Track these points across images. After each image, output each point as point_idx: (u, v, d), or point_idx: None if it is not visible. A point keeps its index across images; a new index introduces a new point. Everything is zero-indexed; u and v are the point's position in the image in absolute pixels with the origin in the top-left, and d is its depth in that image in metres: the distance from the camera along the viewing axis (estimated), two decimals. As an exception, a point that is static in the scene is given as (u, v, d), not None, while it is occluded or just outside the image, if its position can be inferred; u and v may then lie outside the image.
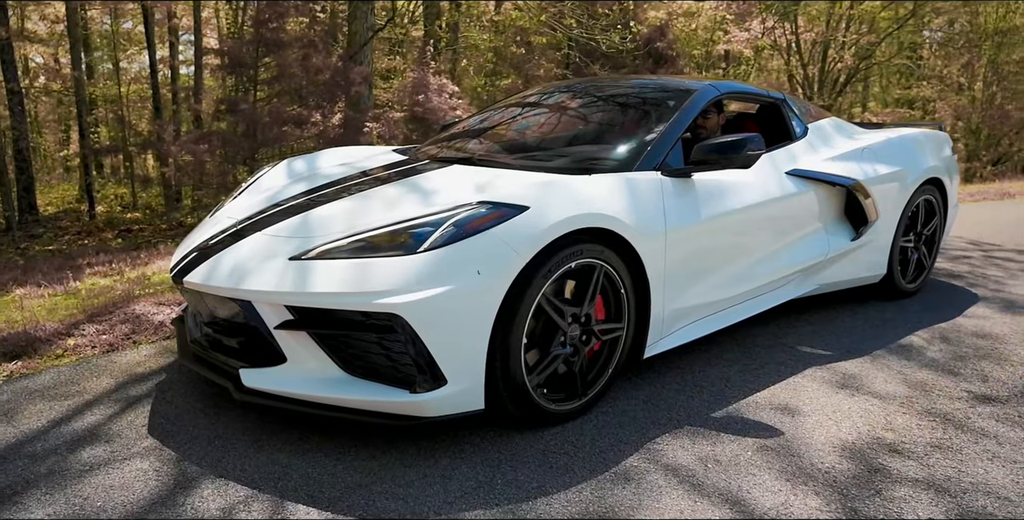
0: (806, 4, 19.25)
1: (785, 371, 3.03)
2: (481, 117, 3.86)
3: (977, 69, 23.04)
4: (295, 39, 11.31)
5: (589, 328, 2.50)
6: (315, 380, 2.23)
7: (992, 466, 2.27)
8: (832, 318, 3.78)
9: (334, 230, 2.39)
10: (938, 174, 4.17)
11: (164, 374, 2.91)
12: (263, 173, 3.40)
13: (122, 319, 3.66)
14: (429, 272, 2.11)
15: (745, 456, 2.29)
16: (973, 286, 4.56)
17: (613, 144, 3.05)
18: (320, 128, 10.52)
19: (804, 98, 14.89)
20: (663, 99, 3.27)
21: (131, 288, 4.51)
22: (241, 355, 2.39)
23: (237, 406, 2.56)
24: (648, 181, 2.70)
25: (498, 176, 2.67)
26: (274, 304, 2.22)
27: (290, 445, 2.31)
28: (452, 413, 2.21)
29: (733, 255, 3.05)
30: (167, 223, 10.97)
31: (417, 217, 2.30)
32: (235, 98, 11.07)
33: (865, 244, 3.76)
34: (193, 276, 2.44)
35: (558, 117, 3.51)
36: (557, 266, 2.30)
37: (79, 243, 9.78)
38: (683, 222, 2.72)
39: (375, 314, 2.11)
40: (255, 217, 2.73)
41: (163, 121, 12.54)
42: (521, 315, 2.23)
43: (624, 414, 2.58)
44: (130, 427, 2.43)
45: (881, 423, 2.55)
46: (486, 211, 2.25)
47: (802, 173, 3.41)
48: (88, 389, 2.76)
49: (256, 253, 2.40)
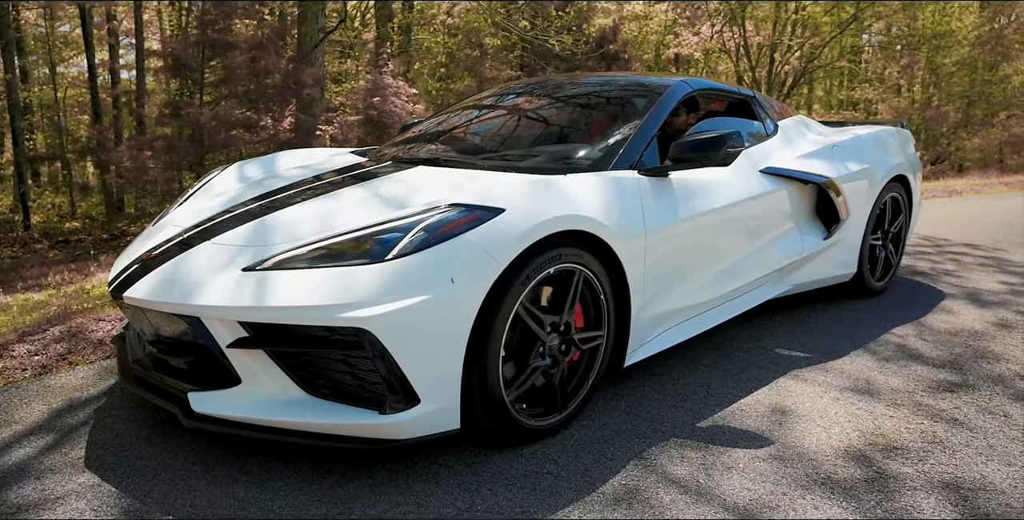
0: (754, 7, 19.57)
1: (766, 375, 2.93)
2: (444, 117, 3.69)
3: (916, 71, 23.79)
4: (243, 41, 10.93)
5: (569, 337, 2.35)
6: (274, 403, 2.03)
7: (989, 465, 2.19)
8: (805, 319, 3.72)
9: (292, 237, 2.19)
10: (903, 171, 4.16)
11: (104, 398, 2.65)
12: (212, 177, 3.17)
13: (57, 337, 3.37)
14: (399, 282, 1.93)
15: (738, 467, 2.17)
16: (936, 282, 4.57)
17: (587, 142, 2.91)
18: (271, 132, 10.17)
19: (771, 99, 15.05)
20: (635, 96, 3.15)
21: (68, 303, 4.20)
22: (190, 377, 2.17)
23: (186, 433, 2.33)
24: (626, 180, 2.56)
25: (469, 177, 2.50)
26: (226, 320, 2.01)
27: (246, 475, 2.09)
28: (426, 434, 2.03)
29: (712, 255, 2.94)
30: (109, 233, 10.45)
31: (384, 222, 2.11)
32: (180, 101, 10.63)
33: (836, 242, 3.71)
34: (134, 290, 2.20)
35: (527, 116, 3.36)
36: (536, 272, 2.15)
37: (12, 255, 9.23)
38: (662, 222, 2.60)
39: (340, 329, 1.92)
40: (204, 224, 2.50)
41: (103, 126, 11.98)
42: (499, 326, 2.07)
43: (606, 427, 2.43)
44: (64, 460, 2.18)
45: (871, 427, 2.46)
46: (459, 214, 2.08)
47: (776, 171, 3.33)
48: (16, 418, 2.49)
49: (205, 264, 2.18)
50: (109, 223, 11.55)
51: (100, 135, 10.81)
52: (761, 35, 20.57)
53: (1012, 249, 5.71)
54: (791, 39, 20.39)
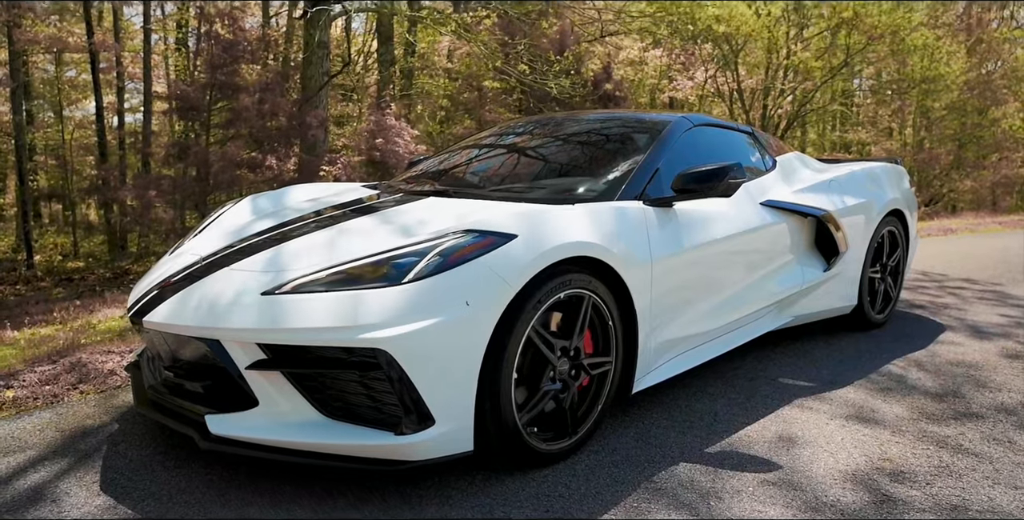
0: (746, 53, 20.09)
1: (771, 403, 2.96)
2: (451, 152, 3.79)
3: (907, 115, 24.29)
4: (250, 84, 11.19)
5: (578, 362, 2.40)
6: (290, 424, 2.06)
7: (995, 488, 2.21)
8: (808, 350, 3.76)
9: (309, 263, 2.25)
10: (899, 206, 4.26)
11: (116, 425, 2.67)
12: (226, 209, 3.24)
13: (67, 368, 3.40)
14: (415, 304, 1.99)
15: (748, 491, 2.19)
16: (936, 315, 4.63)
17: (593, 175, 3.00)
18: (275, 172, 10.33)
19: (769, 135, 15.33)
20: (639, 131, 3.26)
21: (75, 337, 4.23)
22: (206, 400, 2.20)
23: (200, 457, 2.35)
24: (631, 210, 2.64)
25: (480, 206, 2.58)
26: (245, 343, 2.06)
27: (261, 498, 2.11)
28: (440, 456, 2.06)
29: (715, 285, 3.00)
30: (112, 271, 10.51)
31: (400, 247, 2.18)
32: (186, 142, 10.83)
33: (836, 275, 3.78)
34: (154, 315, 2.26)
35: (534, 150, 3.47)
36: (547, 296, 2.20)
37: (16, 293, 9.27)
38: (667, 251, 2.67)
39: (358, 350, 1.97)
40: (221, 252, 2.57)
41: (109, 166, 12.16)
42: (511, 349, 2.12)
43: (616, 452, 2.46)
44: (79, 484, 2.20)
45: (877, 452, 2.48)
46: (473, 239, 2.15)
47: (776, 204, 3.42)
48: (31, 443, 2.51)
49: (225, 289, 2.24)
50: (112, 262, 11.63)
51: (106, 174, 10.96)
52: (754, 79, 21.05)
53: (1010, 284, 5.78)
54: (783, 84, 20.87)
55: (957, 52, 22.22)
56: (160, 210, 9.92)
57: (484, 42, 12.72)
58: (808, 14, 19.39)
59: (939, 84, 21.99)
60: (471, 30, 12.94)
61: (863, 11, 17.64)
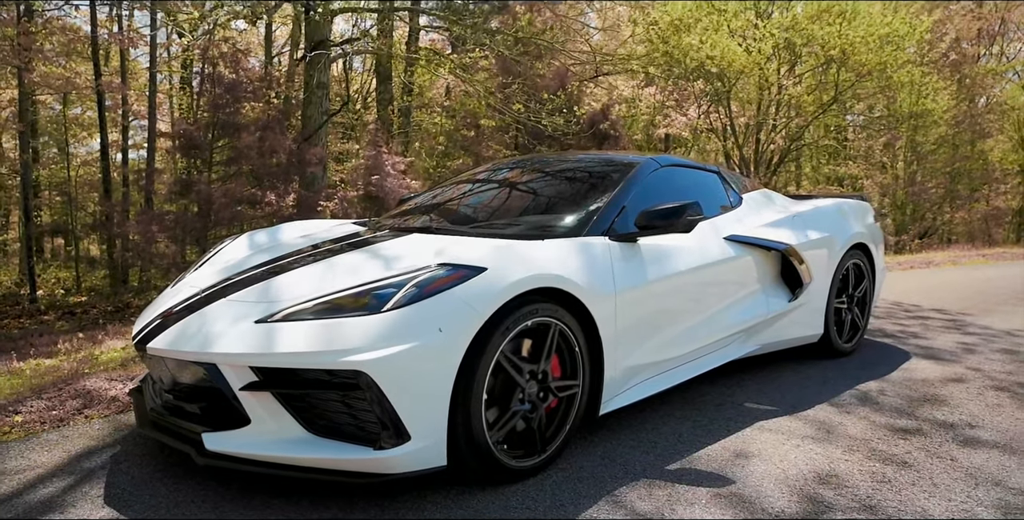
0: (737, 90, 20.61)
1: (734, 426, 3.15)
2: (438, 191, 4.05)
3: (898, 150, 24.75)
4: (250, 122, 11.57)
5: (546, 385, 2.60)
6: (279, 441, 2.26)
7: (931, 500, 2.40)
8: (776, 377, 3.96)
9: (299, 294, 2.48)
10: (864, 240, 4.50)
11: (119, 446, 2.87)
12: (225, 245, 3.48)
13: (72, 395, 3.59)
14: (393, 330, 2.21)
15: (700, 502, 2.37)
16: (903, 343, 4.83)
17: (564, 212, 3.24)
18: (274, 207, 10.62)
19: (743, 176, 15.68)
20: (609, 172, 3.51)
21: (79, 367, 4.42)
22: (202, 420, 2.41)
23: (196, 474, 2.54)
24: (597, 245, 2.88)
25: (456, 242, 2.82)
26: (238, 366, 2.27)
27: (252, 511, 2.30)
28: (415, 470, 2.25)
29: (678, 315, 3.22)
30: (114, 305, 10.73)
31: (380, 279, 2.41)
32: (190, 179, 11.17)
33: (801, 305, 3.99)
34: (157, 342, 2.48)
35: (511, 190, 3.72)
36: (514, 324, 2.42)
37: (20, 326, 9.47)
38: (631, 283, 2.90)
39: (340, 372, 2.18)
40: (219, 285, 2.80)
41: (113, 202, 12.47)
42: (481, 371, 2.33)
43: (582, 470, 2.65)
44: (85, 498, 2.39)
45: (826, 469, 2.67)
46: (446, 272, 2.38)
47: (739, 238, 3.65)
48: (39, 462, 2.70)
49: (221, 318, 2.46)
50: (114, 296, 11.86)
51: (110, 210, 11.27)
52: (747, 115, 21.55)
53: (979, 314, 5.99)
54: (775, 119, 21.35)
55: (945, 88, 22.77)
56: (163, 245, 10.19)
57: (480, 81, 13.15)
58: (798, 51, 19.94)
59: (927, 119, 22.51)
60: (468, 70, 13.38)
61: (850, 50, 18.16)
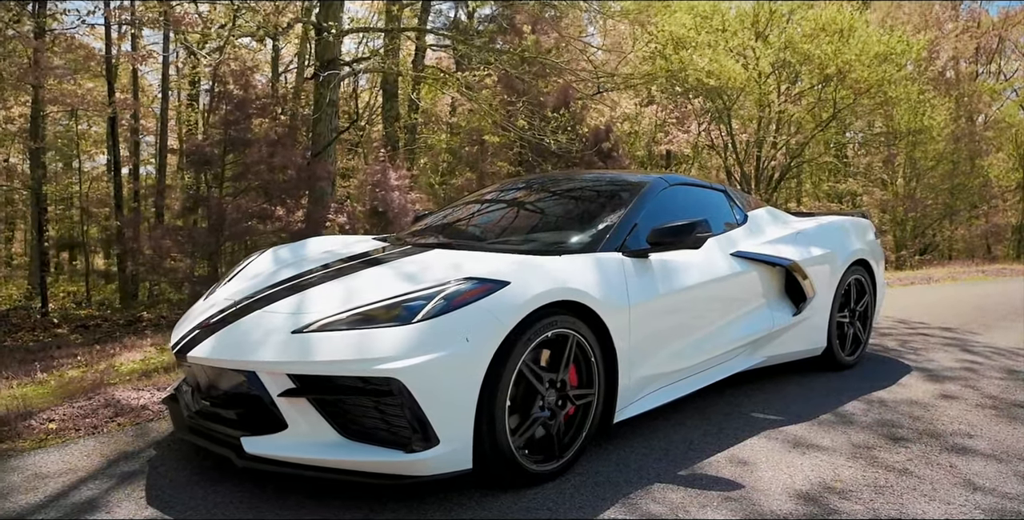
0: (738, 107, 20.87)
1: (742, 434, 3.28)
2: (456, 208, 4.21)
3: (896, 166, 24.98)
4: (260, 138, 11.78)
5: (565, 393, 2.74)
6: (314, 444, 2.39)
7: (931, 504, 2.52)
8: (782, 388, 4.09)
9: (332, 306, 2.63)
10: (865, 256, 4.65)
11: (154, 451, 3.00)
12: (251, 260, 3.64)
13: (102, 404, 3.72)
14: (424, 340, 2.35)
15: (712, 505, 2.50)
16: (903, 358, 4.97)
17: (579, 229, 3.40)
18: (283, 222, 10.80)
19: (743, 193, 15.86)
20: (619, 190, 3.67)
21: (102, 377, 4.56)
22: (240, 425, 2.54)
23: (232, 477, 2.67)
24: (611, 260, 3.03)
25: (479, 257, 2.97)
26: (276, 373, 2.41)
27: (287, 511, 2.43)
28: (444, 472, 2.39)
29: (688, 327, 3.36)
30: (125, 318, 10.87)
31: (410, 292, 2.56)
32: (202, 194, 11.37)
33: (805, 319, 4.13)
34: (198, 351, 2.62)
35: (527, 207, 3.88)
36: (536, 335, 2.57)
37: (34, 339, 9.61)
38: (644, 296, 3.04)
39: (374, 379, 2.32)
40: (253, 297, 2.95)
41: (125, 217, 12.66)
42: (505, 379, 2.47)
43: (598, 475, 2.77)
44: (129, 498, 2.52)
45: (830, 475, 2.80)
46: (472, 286, 2.53)
47: (745, 254, 3.80)
48: (80, 466, 2.83)
49: (259, 328, 2.60)
50: (124, 309, 12.01)
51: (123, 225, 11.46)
52: (747, 132, 21.79)
53: (978, 329, 6.12)
54: (775, 136, 21.59)
55: (942, 105, 23.04)
56: (175, 260, 10.37)
57: (485, 99, 13.38)
58: (797, 69, 20.23)
59: (925, 136, 22.76)
60: (473, 88, 13.62)
61: (847, 68, 18.45)
